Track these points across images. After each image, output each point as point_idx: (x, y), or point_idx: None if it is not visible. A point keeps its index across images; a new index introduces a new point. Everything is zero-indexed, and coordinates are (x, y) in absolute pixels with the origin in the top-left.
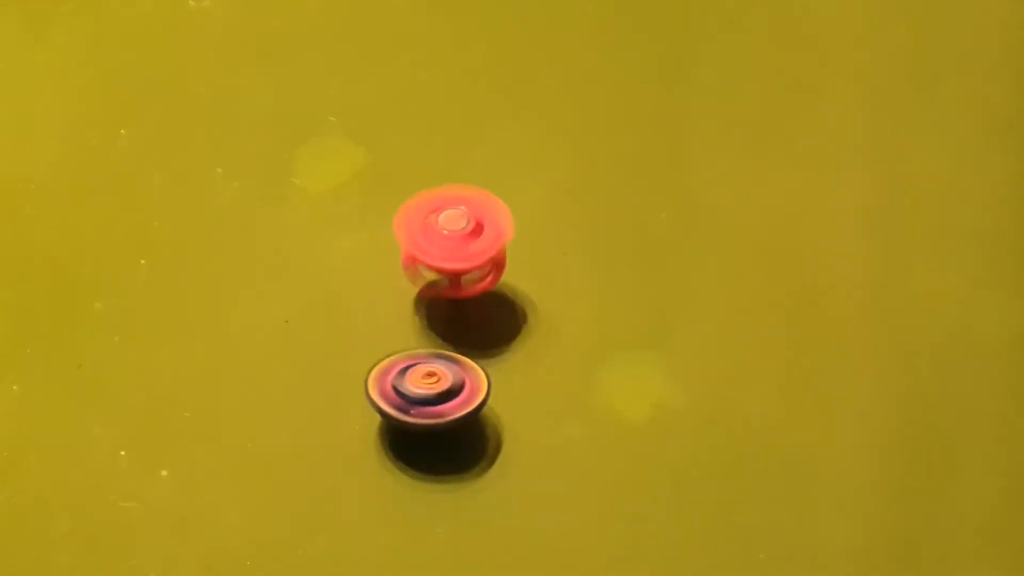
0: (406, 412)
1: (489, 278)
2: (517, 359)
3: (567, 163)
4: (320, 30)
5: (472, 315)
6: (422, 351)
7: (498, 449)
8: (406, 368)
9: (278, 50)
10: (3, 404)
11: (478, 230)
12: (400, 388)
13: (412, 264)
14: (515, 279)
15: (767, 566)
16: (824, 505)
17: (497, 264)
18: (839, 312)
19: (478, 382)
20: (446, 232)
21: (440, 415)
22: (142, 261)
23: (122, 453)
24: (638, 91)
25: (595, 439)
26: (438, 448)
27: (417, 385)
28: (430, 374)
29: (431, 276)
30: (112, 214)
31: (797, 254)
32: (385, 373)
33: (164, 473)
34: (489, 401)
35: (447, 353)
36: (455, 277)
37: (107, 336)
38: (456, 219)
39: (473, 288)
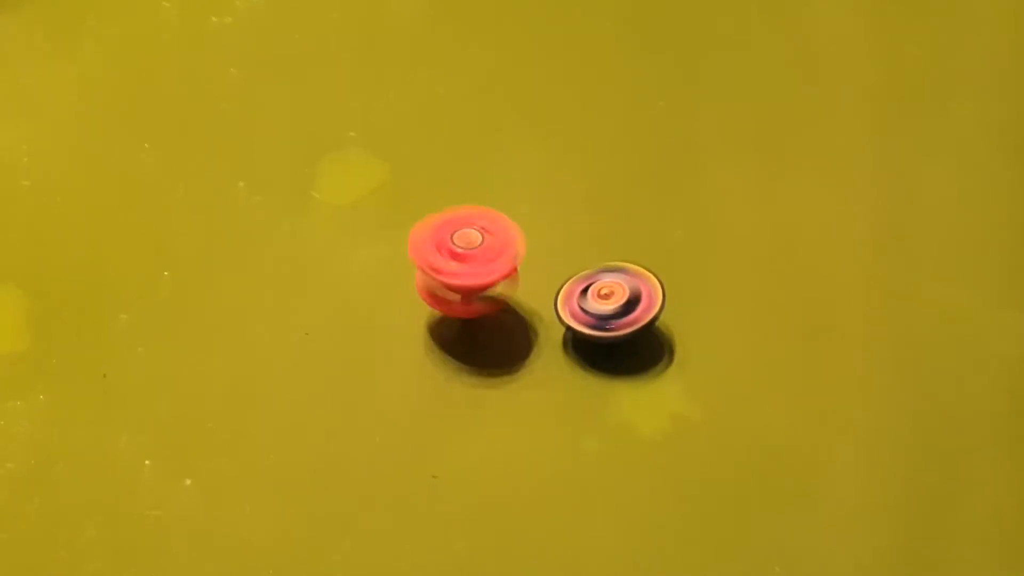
0: (603, 328)
1: (501, 297)
2: (532, 374)
3: (583, 178)
4: (341, 46)
5: (487, 330)
6: (588, 271)
7: (508, 458)
8: (585, 289)
9: (299, 65)
10: (30, 414)
11: (491, 248)
12: (589, 309)
13: (425, 286)
14: (531, 294)
15: None
16: (840, 519)
17: (510, 283)
18: (852, 327)
19: (651, 287)
20: (459, 250)
21: (635, 322)
22: (165, 273)
23: (147, 462)
24: (653, 107)
25: (611, 454)
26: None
27: (600, 303)
28: (607, 293)
29: (446, 295)
30: (136, 227)
31: (811, 269)
32: (569, 298)
33: (188, 482)
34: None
35: (612, 265)
36: (468, 295)
37: (131, 347)
38: (469, 238)
39: (485, 307)
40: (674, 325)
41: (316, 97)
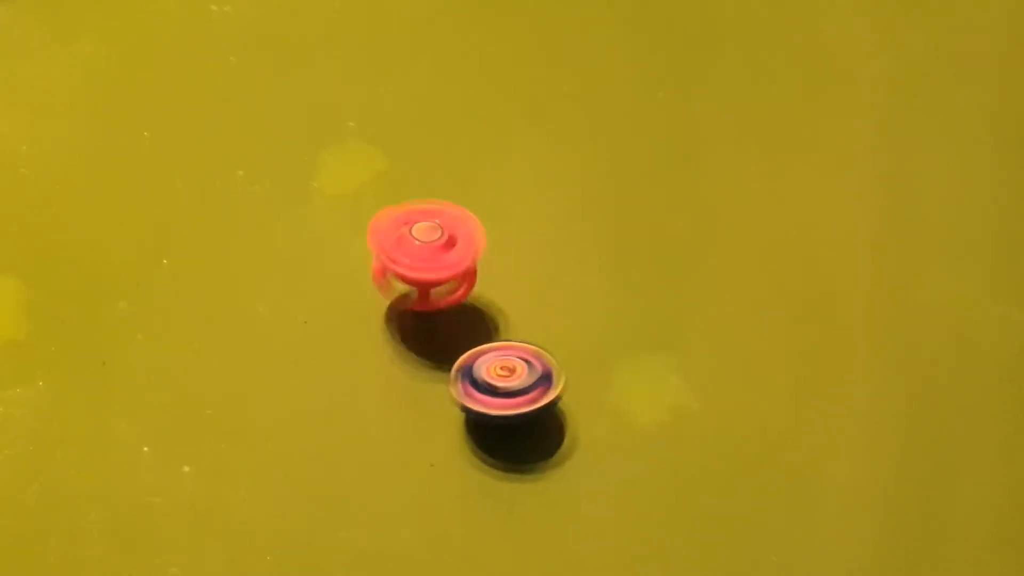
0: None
1: (460, 291)
2: None
3: (582, 170)
4: (340, 37)
5: (490, 323)
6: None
7: (512, 452)
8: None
9: (299, 56)
10: (30, 401)
11: (451, 242)
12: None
13: (382, 276)
14: (530, 285)
15: (779, 568)
16: (836, 509)
17: (468, 277)
18: (852, 319)
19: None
20: (418, 243)
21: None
22: (165, 261)
23: (145, 449)
24: (654, 99)
25: (610, 442)
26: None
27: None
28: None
29: (402, 288)
30: (136, 215)
31: (810, 261)
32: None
33: (187, 469)
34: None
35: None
36: (424, 288)
37: (131, 335)
38: (429, 231)
39: (444, 300)
40: (673, 316)
41: (316, 87)
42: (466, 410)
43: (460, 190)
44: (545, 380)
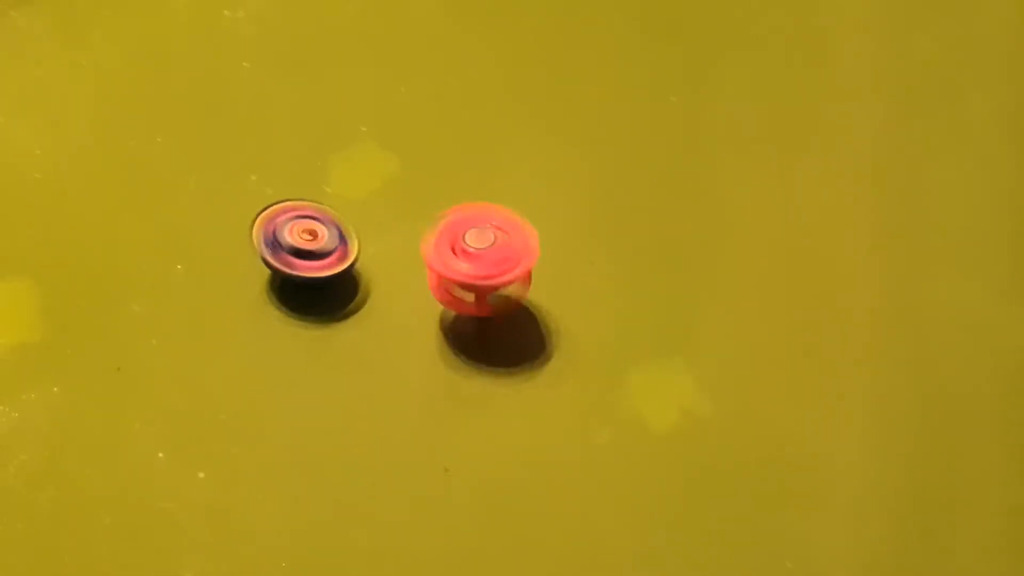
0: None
1: (515, 297)
2: (545, 368)
3: (594, 173)
4: (353, 41)
5: (500, 326)
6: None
7: (520, 452)
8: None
9: (311, 61)
10: (44, 405)
11: (505, 249)
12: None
13: (440, 284)
14: (542, 289)
15: (794, 574)
16: (849, 513)
17: (523, 283)
18: (863, 322)
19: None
20: (472, 250)
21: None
22: (179, 266)
23: (160, 455)
24: (665, 102)
25: (622, 446)
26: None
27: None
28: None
29: (460, 294)
30: (148, 219)
31: (822, 265)
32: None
33: (201, 474)
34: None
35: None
36: (481, 294)
37: (145, 339)
38: (483, 237)
39: (499, 306)
40: (684, 319)
41: (328, 92)
42: (276, 271)
43: (472, 194)
44: (342, 241)
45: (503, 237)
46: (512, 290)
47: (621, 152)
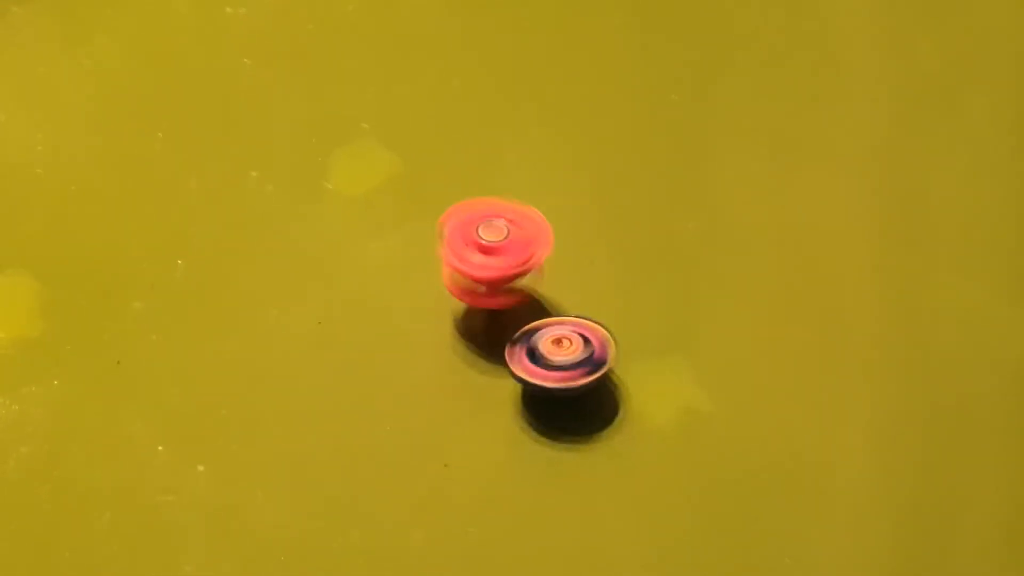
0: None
1: (525, 290)
2: None
3: (595, 171)
4: (354, 37)
5: (502, 324)
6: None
7: (515, 443)
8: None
9: (313, 56)
10: (44, 400)
11: (518, 241)
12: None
13: (451, 276)
14: (543, 287)
15: (793, 571)
16: (850, 511)
17: (537, 273)
18: (865, 321)
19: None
20: (485, 242)
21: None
22: (179, 262)
23: (160, 448)
24: (666, 101)
25: (622, 445)
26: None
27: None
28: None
29: (472, 286)
30: (150, 216)
31: (823, 264)
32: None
33: (201, 468)
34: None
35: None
36: (492, 286)
37: (145, 334)
38: (496, 230)
39: (510, 298)
40: (686, 317)
41: (329, 88)
42: (522, 382)
43: (473, 191)
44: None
45: (516, 229)
46: (525, 280)
47: (623, 151)
